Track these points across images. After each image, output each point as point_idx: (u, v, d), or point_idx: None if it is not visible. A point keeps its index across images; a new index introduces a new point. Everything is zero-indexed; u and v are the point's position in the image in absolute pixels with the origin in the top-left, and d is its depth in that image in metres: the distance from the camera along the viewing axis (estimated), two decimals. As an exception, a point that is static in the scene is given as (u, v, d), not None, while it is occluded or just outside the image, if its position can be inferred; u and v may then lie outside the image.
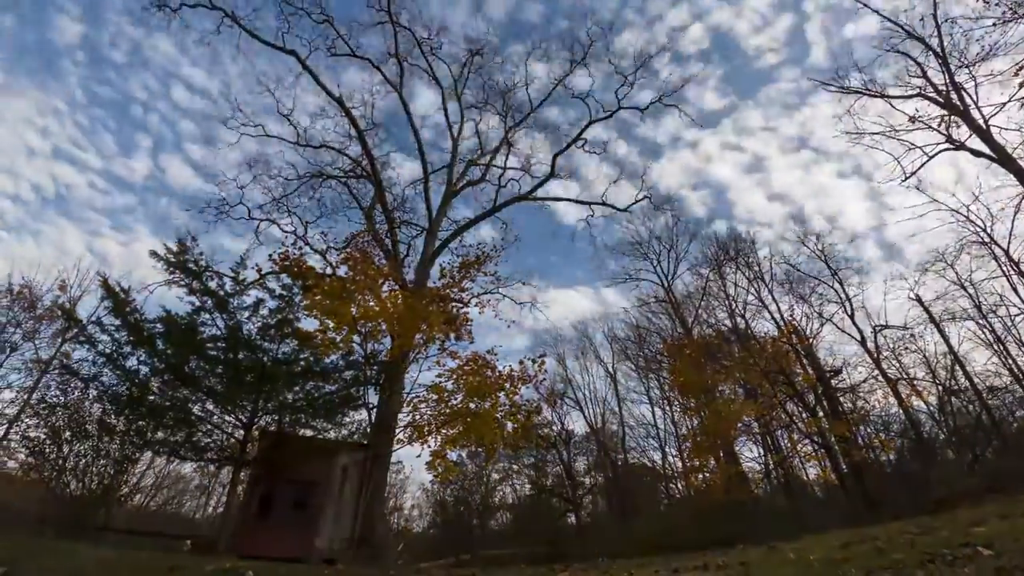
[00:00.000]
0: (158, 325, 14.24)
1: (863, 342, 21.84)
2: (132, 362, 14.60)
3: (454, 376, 13.86)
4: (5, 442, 20.09)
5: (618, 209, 23.27)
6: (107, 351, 14.40)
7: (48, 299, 21.93)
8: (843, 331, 22.85)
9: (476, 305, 18.01)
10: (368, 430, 16.08)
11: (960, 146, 17.25)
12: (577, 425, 37.63)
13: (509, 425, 13.85)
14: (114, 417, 16.51)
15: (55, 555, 6.19)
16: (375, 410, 15.46)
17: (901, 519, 10.02)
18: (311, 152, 21.15)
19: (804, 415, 20.95)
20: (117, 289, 14.20)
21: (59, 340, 20.78)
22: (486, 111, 23.89)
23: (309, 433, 16.55)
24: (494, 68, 25.66)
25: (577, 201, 23.48)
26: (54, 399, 18.67)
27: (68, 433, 18.85)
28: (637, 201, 23.01)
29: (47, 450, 19.32)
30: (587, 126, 22.71)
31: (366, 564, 11.56)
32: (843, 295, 23.02)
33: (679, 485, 29.45)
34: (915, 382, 21.28)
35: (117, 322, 14.21)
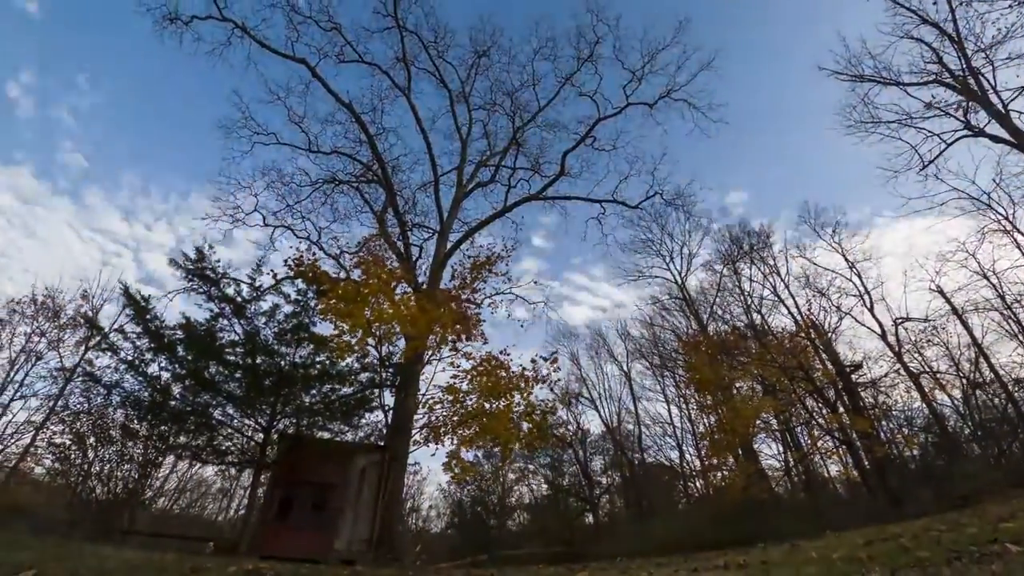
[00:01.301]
0: (178, 332, 14.50)
1: (883, 335, 21.41)
2: (154, 368, 14.90)
3: (468, 377, 13.93)
4: (32, 449, 20.62)
5: (629, 206, 23.12)
6: (129, 358, 14.71)
7: (71, 308, 22.48)
8: (862, 324, 22.42)
9: (488, 306, 18.07)
10: (384, 432, 16.21)
11: (979, 132, 16.85)
12: (593, 424, 37.56)
13: (524, 425, 13.87)
14: (137, 422, 16.87)
15: (82, 557, 6.32)
16: (391, 412, 15.59)
17: (926, 516, 9.81)
18: (323, 158, 21.35)
19: (824, 411, 20.61)
20: (138, 297, 14.48)
21: (82, 348, 21.27)
22: (494, 112, 23.90)
23: (326, 436, 16.74)
24: (501, 68, 25.52)
25: (588, 199, 23.33)
26: (78, 406, 19.14)
27: (92, 439, 19.30)
28: (648, 198, 22.83)
29: (72, 456, 19.80)
30: (596, 123, 22.60)
31: (385, 565, 11.65)
32: (861, 288, 22.60)
33: (697, 484, 29.21)
34: (938, 375, 20.80)
35: (138, 329, 14.50)
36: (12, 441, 20.33)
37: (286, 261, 15.57)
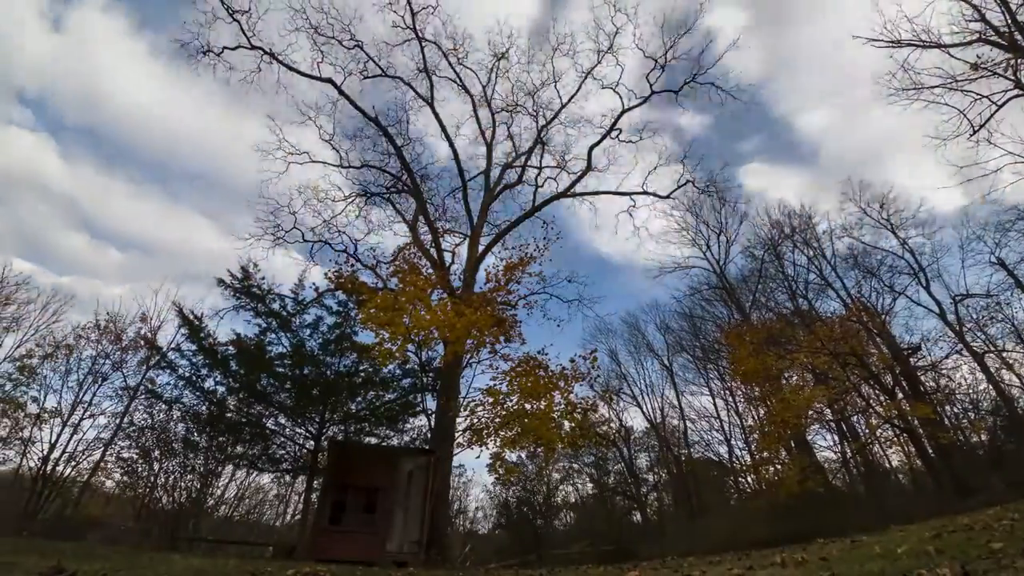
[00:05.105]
0: (230, 347, 15.21)
1: (942, 314, 20.23)
2: (209, 383, 15.70)
3: (508, 378, 13.99)
4: (102, 464, 21.95)
5: (660, 196, 22.70)
6: (187, 374, 15.55)
7: (132, 331, 23.81)
8: (919, 304, 21.27)
9: (524, 306, 18.10)
10: (429, 435, 16.51)
11: (1031, 91, 15.72)
12: (636, 421, 36.89)
13: (566, 424, 13.82)
14: (197, 435, 17.78)
15: (152, 565, 6.69)
16: (434, 416, 15.87)
17: (998, 505, 9.23)
18: (354, 172, 21.87)
19: (882, 398, 19.63)
20: (191, 317, 15.27)
21: (144, 367, 22.50)
22: (517, 113, 23.92)
23: (374, 441, 17.21)
24: (521, 69, 25.56)
25: (617, 193, 23.02)
26: (143, 422, 20.31)
27: (157, 452, 20.45)
28: (680, 187, 22.35)
29: (139, 469, 21.02)
30: (620, 115, 22.27)
31: (435, 566, 11.85)
32: (915, 265, 21.39)
33: (748, 479, 28.34)
34: (1005, 354, 19.47)
35: (194, 347, 15.29)
36: (83, 457, 21.65)
37: (326, 274, 16.10)
